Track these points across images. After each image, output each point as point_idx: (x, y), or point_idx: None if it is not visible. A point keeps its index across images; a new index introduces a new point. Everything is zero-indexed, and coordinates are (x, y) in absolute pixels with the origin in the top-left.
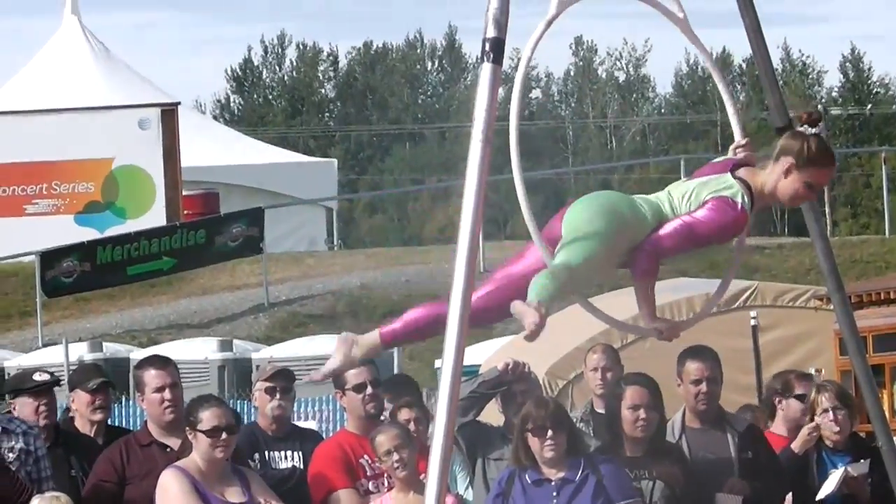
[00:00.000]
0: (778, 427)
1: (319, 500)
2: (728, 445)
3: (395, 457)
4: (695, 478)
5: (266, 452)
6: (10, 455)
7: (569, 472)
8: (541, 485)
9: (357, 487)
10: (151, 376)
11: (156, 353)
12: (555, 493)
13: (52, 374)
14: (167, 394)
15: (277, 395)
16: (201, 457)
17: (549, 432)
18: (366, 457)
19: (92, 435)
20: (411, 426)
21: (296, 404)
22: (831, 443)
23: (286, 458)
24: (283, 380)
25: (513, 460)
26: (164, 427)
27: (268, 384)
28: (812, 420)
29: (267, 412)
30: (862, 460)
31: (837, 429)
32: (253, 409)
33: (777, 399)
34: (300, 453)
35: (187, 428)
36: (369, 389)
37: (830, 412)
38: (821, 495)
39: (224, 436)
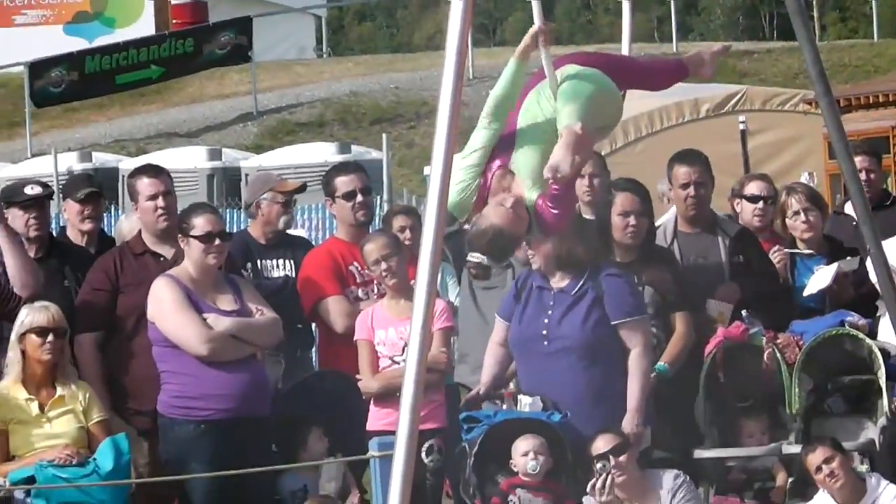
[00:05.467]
0: None
1: (309, 306)
2: (720, 249)
3: (384, 266)
4: (686, 283)
5: (258, 261)
6: None
7: (569, 284)
8: (542, 292)
9: (346, 294)
10: (145, 184)
11: (149, 162)
12: (551, 303)
13: (45, 185)
14: (160, 201)
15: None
16: (193, 264)
17: None
18: (355, 264)
19: (84, 244)
20: (406, 233)
21: None
22: (804, 245)
23: (278, 266)
24: (291, 194)
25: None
26: (157, 235)
27: (282, 196)
28: (783, 222)
29: (280, 225)
30: (849, 257)
31: (806, 226)
32: (243, 218)
33: (734, 201)
34: (292, 261)
35: (180, 235)
36: (359, 197)
37: (801, 213)
38: (811, 290)
39: (217, 241)
